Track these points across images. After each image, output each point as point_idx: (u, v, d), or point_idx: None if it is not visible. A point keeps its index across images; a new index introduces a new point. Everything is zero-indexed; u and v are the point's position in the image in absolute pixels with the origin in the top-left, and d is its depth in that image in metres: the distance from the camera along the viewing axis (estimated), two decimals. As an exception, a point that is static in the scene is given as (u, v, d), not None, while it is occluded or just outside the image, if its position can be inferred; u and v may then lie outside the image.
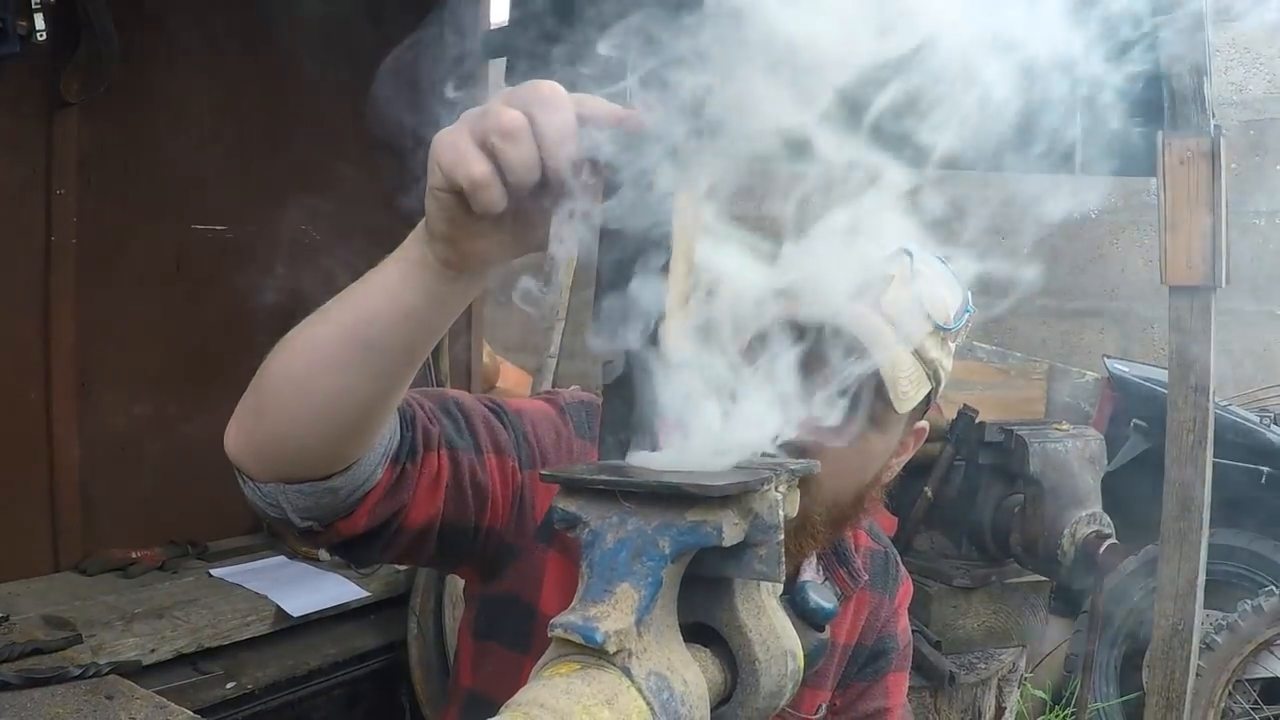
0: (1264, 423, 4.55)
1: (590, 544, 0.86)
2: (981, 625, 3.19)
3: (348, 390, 1.11)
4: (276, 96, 4.04)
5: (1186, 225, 2.61)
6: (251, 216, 4.02)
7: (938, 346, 1.55)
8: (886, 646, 1.84)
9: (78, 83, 3.38)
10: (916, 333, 1.51)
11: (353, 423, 1.15)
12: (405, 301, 1.05)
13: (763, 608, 0.96)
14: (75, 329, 3.54)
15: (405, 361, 1.12)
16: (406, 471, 1.29)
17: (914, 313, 1.51)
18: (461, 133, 0.92)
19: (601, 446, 0.95)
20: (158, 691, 2.57)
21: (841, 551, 1.77)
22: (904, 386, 1.49)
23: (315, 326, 1.12)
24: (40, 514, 3.49)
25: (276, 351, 1.15)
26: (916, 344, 1.51)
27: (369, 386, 1.12)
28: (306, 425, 1.14)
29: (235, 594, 3.40)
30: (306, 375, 1.11)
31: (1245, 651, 4.00)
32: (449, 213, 0.96)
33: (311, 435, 1.15)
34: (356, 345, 1.08)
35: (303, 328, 1.14)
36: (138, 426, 3.74)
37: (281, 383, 1.14)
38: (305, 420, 1.13)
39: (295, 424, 1.14)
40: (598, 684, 0.80)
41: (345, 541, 1.30)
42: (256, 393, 1.17)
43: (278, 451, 1.17)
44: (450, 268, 1.02)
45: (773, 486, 0.89)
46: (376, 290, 1.07)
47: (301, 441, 1.15)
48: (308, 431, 1.14)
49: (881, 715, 1.84)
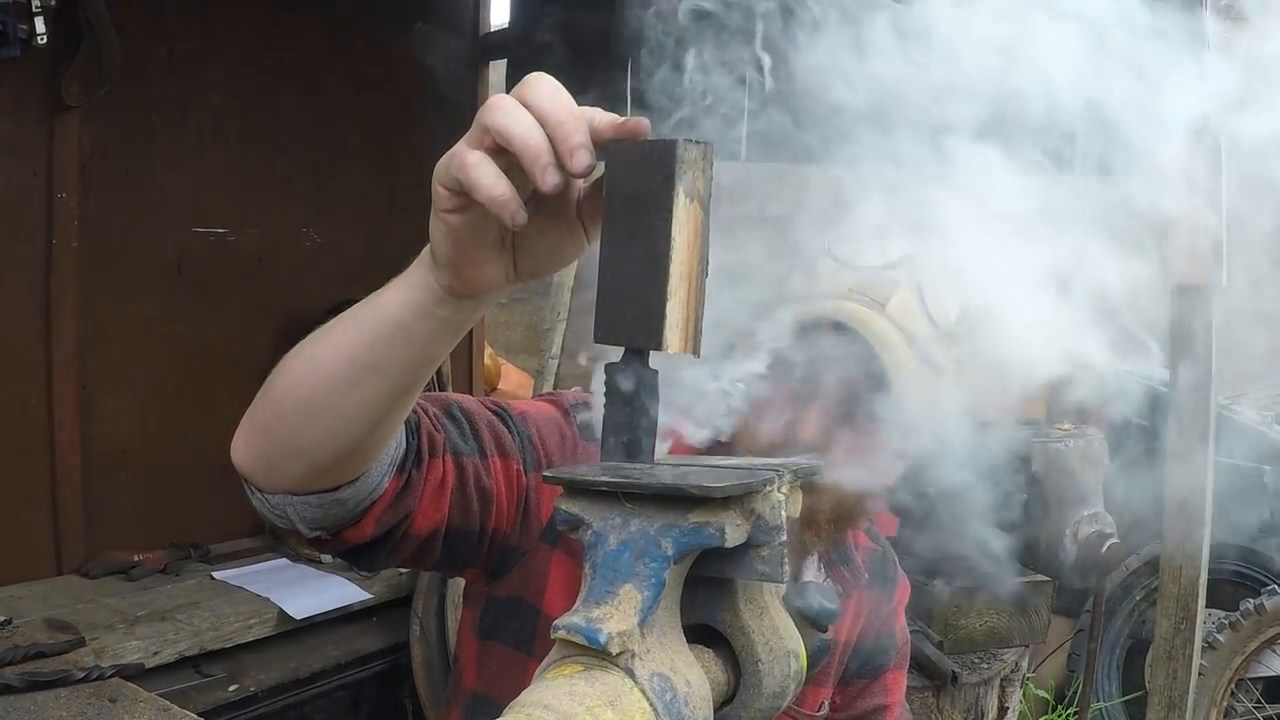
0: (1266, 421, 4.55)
1: (593, 545, 0.86)
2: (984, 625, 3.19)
3: (356, 409, 1.12)
4: (277, 100, 4.05)
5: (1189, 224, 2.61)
6: (252, 220, 4.02)
7: (940, 346, 1.57)
8: (885, 644, 1.86)
9: (78, 86, 3.38)
10: (920, 333, 1.54)
11: (360, 439, 1.16)
12: (410, 326, 1.07)
13: (765, 608, 0.96)
14: (77, 332, 3.54)
15: (412, 381, 1.13)
16: (412, 479, 1.30)
17: (918, 315, 1.54)
18: (464, 146, 0.93)
19: (604, 448, 0.95)
20: (160, 694, 2.57)
21: (842, 550, 1.79)
22: (909, 387, 1.51)
23: (322, 347, 1.13)
24: (42, 517, 3.49)
25: (283, 368, 1.16)
26: (920, 344, 1.54)
27: (377, 405, 1.13)
28: (314, 442, 1.15)
29: (238, 596, 3.40)
30: (314, 395, 1.12)
31: (1248, 650, 4.00)
32: (454, 237, 0.97)
33: (320, 451, 1.16)
34: (364, 367, 1.09)
35: (309, 346, 1.15)
36: (139, 429, 3.74)
37: (289, 401, 1.15)
38: (313, 437, 1.15)
39: (303, 441, 1.15)
40: (601, 685, 0.80)
41: (352, 549, 1.31)
42: (264, 408, 1.18)
43: (286, 466, 1.19)
44: (453, 294, 1.03)
45: (775, 487, 0.89)
46: (382, 314, 1.08)
47: (310, 457, 1.17)
48: (316, 448, 1.16)
49: (881, 712, 1.85)
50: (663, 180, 0.87)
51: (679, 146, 0.87)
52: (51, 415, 3.50)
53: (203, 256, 3.90)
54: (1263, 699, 4.09)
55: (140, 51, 3.57)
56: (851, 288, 1.57)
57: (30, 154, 3.38)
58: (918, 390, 1.52)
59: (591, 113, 0.91)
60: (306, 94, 4.12)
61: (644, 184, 0.88)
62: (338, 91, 4.23)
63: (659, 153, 0.88)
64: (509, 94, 0.93)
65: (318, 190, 4.21)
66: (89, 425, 3.61)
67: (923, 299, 1.55)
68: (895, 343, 1.51)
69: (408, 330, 1.07)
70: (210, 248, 3.92)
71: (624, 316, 0.90)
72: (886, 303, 1.54)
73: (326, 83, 4.19)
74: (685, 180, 0.87)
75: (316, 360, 1.13)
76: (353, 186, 4.32)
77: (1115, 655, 4.65)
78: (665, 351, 0.88)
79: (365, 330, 1.09)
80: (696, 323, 0.90)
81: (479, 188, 0.90)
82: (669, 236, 0.87)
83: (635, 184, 0.89)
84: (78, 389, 3.57)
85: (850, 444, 1.55)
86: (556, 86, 0.92)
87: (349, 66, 4.25)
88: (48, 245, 3.44)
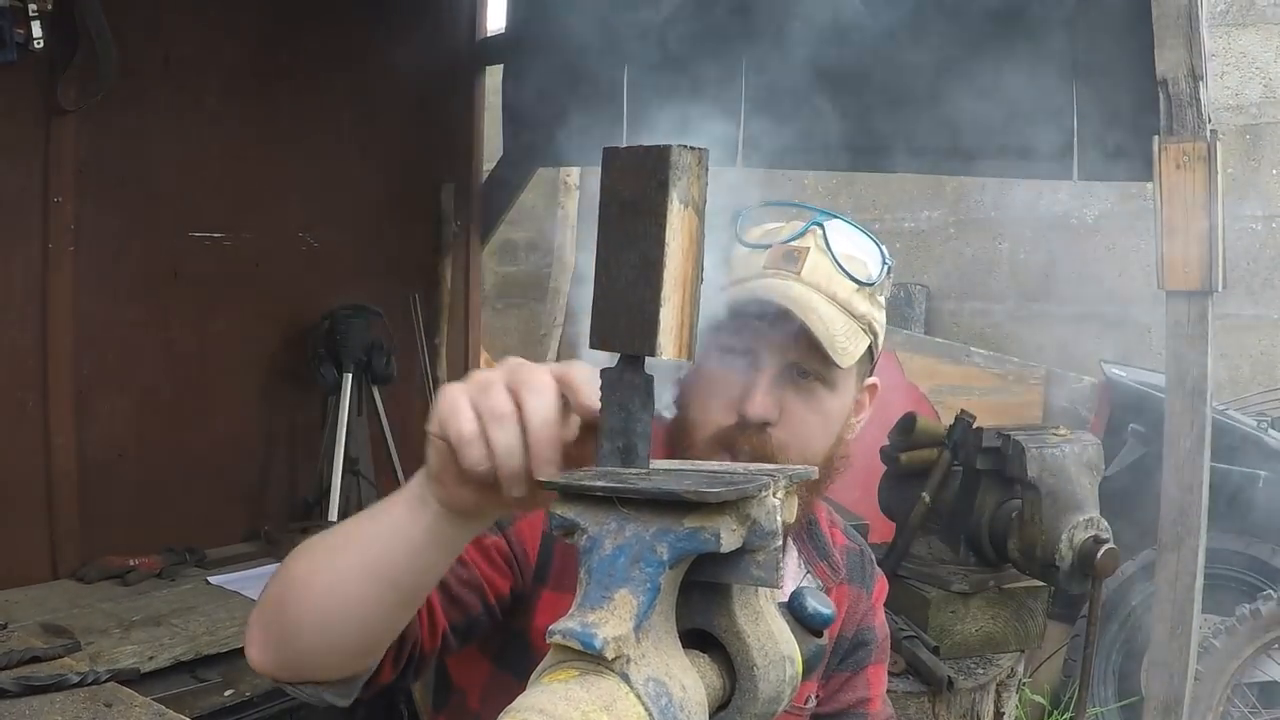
0: (1261, 426, 4.55)
1: (588, 550, 0.86)
2: (980, 630, 3.18)
3: (373, 618, 1.18)
4: (273, 104, 4.05)
5: (1183, 230, 2.61)
6: (249, 225, 4.03)
7: (865, 301, 1.61)
8: (866, 638, 1.88)
9: (75, 90, 3.39)
10: (841, 291, 1.58)
11: (376, 642, 1.23)
12: (414, 539, 1.11)
13: (761, 613, 0.96)
14: (73, 336, 3.54)
15: (425, 585, 1.19)
16: None
17: (834, 274, 1.58)
18: (463, 395, 1.00)
19: (599, 453, 0.95)
20: (156, 699, 2.57)
21: (822, 546, 1.82)
22: (841, 342, 1.55)
23: (333, 558, 1.18)
24: (38, 521, 3.49)
25: (293, 575, 1.21)
26: (843, 301, 1.57)
27: (394, 613, 1.19)
28: (330, 650, 1.21)
29: (233, 601, 3.39)
30: (329, 609, 1.17)
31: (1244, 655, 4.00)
32: (442, 459, 1.03)
33: (336, 655, 1.22)
34: (380, 582, 1.14)
35: (317, 554, 1.21)
36: (135, 434, 3.74)
37: (304, 613, 1.19)
38: (328, 647, 1.21)
39: (319, 650, 1.21)
40: (596, 690, 0.80)
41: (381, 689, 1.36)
42: (279, 620, 1.22)
43: (303, 667, 1.25)
44: (447, 509, 1.08)
45: (770, 492, 0.89)
46: (388, 528, 1.13)
47: (326, 661, 1.23)
48: (332, 653, 1.22)
49: (864, 705, 1.87)
50: (657, 186, 0.87)
51: (673, 152, 0.87)
52: (47, 419, 3.51)
53: (199, 261, 3.90)
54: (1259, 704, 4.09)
55: (136, 55, 3.57)
56: (765, 265, 1.60)
57: (27, 158, 3.38)
58: (851, 345, 1.56)
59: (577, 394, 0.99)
60: (303, 99, 4.13)
61: (638, 189, 0.88)
62: (334, 96, 4.24)
63: (653, 158, 0.88)
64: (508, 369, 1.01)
65: (314, 195, 4.22)
66: (85, 429, 3.61)
67: (835, 259, 1.59)
68: (815, 303, 1.54)
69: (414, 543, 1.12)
70: (206, 252, 3.92)
71: (618, 322, 0.90)
72: (800, 270, 1.57)
73: (323, 87, 4.19)
74: (679, 186, 0.87)
75: (332, 574, 1.18)
76: (349, 191, 4.32)
77: (1111, 660, 4.65)
78: (659, 357, 0.88)
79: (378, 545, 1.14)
80: (691, 329, 0.90)
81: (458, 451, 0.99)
82: (663, 243, 0.87)
83: (630, 189, 0.89)
84: (74, 393, 3.57)
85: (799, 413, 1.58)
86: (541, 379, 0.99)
87: (346, 71, 4.25)
88: (44, 249, 3.45)
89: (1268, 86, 5.49)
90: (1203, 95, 2.64)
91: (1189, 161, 2.60)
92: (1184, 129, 2.63)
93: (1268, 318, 5.48)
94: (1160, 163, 2.63)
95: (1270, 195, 5.46)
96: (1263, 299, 5.48)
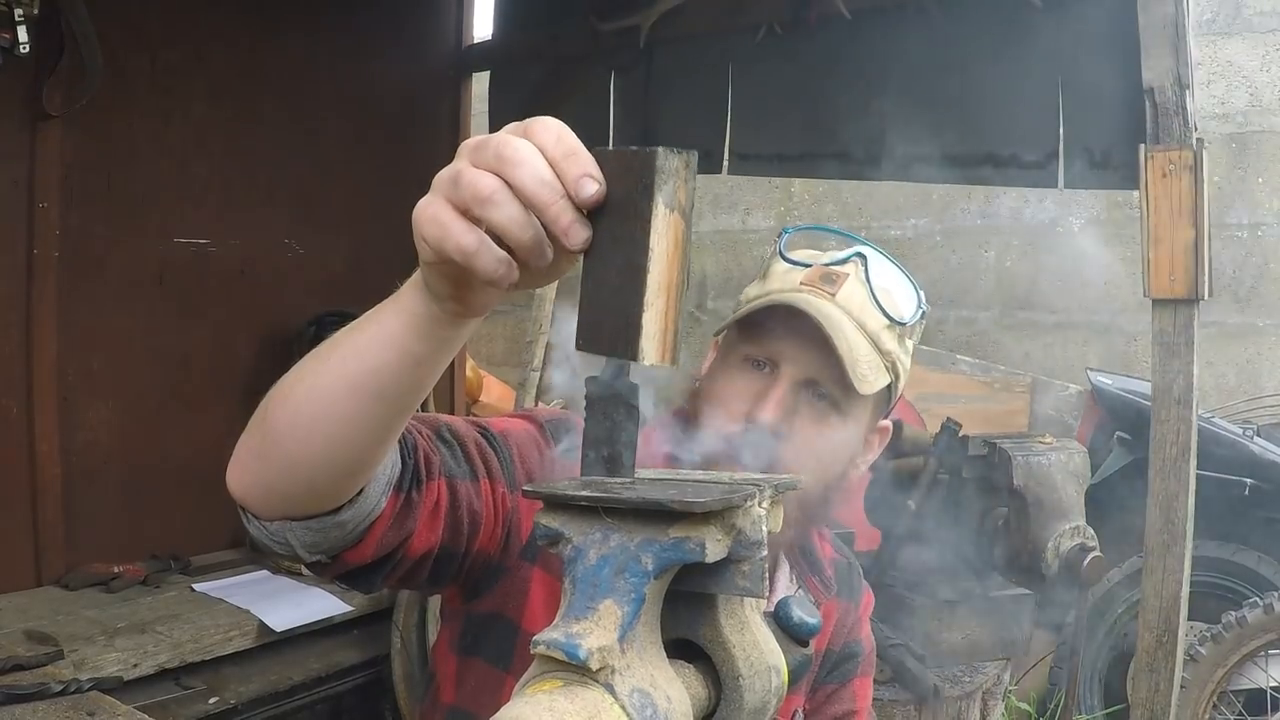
0: (1247, 435, 4.56)
1: (573, 560, 0.86)
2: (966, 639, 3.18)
3: (357, 431, 1.12)
4: (260, 111, 4.04)
5: (1169, 238, 2.62)
6: (234, 231, 4.02)
7: (894, 340, 1.62)
8: (853, 651, 1.89)
9: (61, 95, 3.38)
10: (871, 322, 1.59)
11: (360, 461, 1.17)
12: (414, 350, 1.06)
13: (746, 623, 0.96)
14: (57, 342, 3.53)
15: (412, 402, 1.14)
16: (412, 500, 1.30)
17: (868, 305, 1.59)
18: (440, 204, 0.92)
19: (584, 462, 0.94)
20: (140, 707, 2.56)
21: (813, 561, 1.82)
22: (863, 369, 1.55)
23: (319, 373, 1.13)
24: (22, 528, 3.47)
25: (277, 394, 1.16)
26: (872, 332, 1.58)
27: (378, 425, 1.14)
28: (313, 468, 1.15)
29: (218, 609, 3.38)
30: (313, 424, 1.12)
31: (1230, 663, 4.00)
32: (451, 279, 0.97)
33: (319, 475, 1.16)
34: (366, 395, 1.09)
35: (304, 371, 1.15)
36: (120, 440, 3.73)
37: (286, 426, 1.15)
38: (312, 463, 1.15)
39: (301, 464, 1.15)
40: (581, 701, 0.79)
41: (352, 571, 1.31)
42: (259, 435, 1.18)
43: (284, 491, 1.18)
44: (459, 317, 1.03)
45: (756, 502, 0.89)
46: (380, 341, 1.08)
47: (308, 481, 1.17)
48: (314, 473, 1.15)
49: (851, 717, 1.88)
50: (643, 190, 0.86)
51: (659, 156, 0.86)
52: (32, 426, 3.49)
53: (184, 267, 3.89)
54: (1245, 712, 4.09)
55: (123, 61, 3.57)
56: (803, 282, 1.61)
57: (11, 163, 3.37)
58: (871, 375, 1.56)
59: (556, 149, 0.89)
60: (289, 105, 4.12)
61: (625, 193, 0.87)
62: (320, 102, 4.23)
63: (640, 162, 0.87)
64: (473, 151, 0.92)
65: (300, 201, 4.21)
66: (69, 436, 3.59)
67: (872, 292, 1.60)
68: (845, 326, 1.55)
69: (411, 354, 1.06)
70: (192, 258, 3.91)
71: (603, 326, 0.89)
72: (835, 293, 1.58)
73: (309, 93, 4.19)
74: (665, 190, 0.86)
75: (315, 386, 1.13)
76: (335, 198, 4.31)
77: (1097, 668, 4.65)
78: (642, 362, 0.87)
79: (365, 355, 1.09)
80: (675, 334, 0.89)
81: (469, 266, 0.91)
82: (647, 247, 0.86)
83: (617, 192, 0.88)
84: (58, 400, 3.56)
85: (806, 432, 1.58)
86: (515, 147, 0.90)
87: (332, 78, 4.25)
88: (29, 255, 3.43)
89: (1254, 95, 5.51)
90: (1189, 104, 2.64)
91: (1175, 170, 2.60)
92: (1170, 137, 2.64)
93: (1253, 326, 5.50)
94: (1147, 171, 2.64)
95: (1256, 204, 5.48)
96: (1249, 307, 5.49)
